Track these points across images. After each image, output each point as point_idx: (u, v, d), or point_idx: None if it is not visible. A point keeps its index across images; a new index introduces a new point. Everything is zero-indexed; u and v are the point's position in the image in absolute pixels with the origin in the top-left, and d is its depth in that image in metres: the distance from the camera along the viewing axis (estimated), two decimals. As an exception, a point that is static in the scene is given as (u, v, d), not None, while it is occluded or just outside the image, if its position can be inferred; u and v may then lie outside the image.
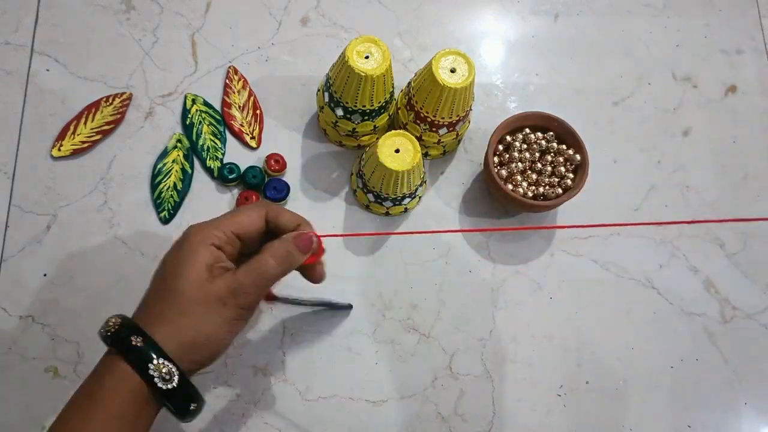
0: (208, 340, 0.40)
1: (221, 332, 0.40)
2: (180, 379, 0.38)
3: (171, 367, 0.38)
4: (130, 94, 0.66)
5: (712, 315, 0.64)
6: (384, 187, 0.59)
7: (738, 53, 0.74)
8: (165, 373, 0.38)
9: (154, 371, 0.37)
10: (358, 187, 0.63)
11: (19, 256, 0.60)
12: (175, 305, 0.40)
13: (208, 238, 0.42)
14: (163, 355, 0.38)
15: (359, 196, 0.63)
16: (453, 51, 0.56)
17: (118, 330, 0.39)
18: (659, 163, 0.69)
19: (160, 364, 0.38)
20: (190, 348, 0.39)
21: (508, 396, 0.60)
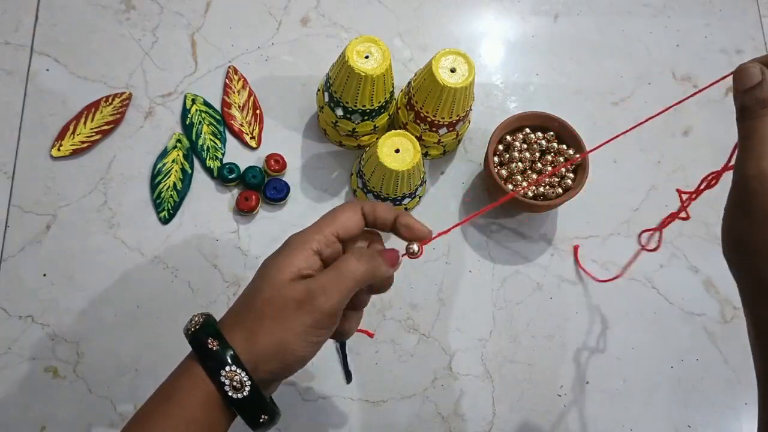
0: (281, 348, 0.37)
1: (295, 340, 0.37)
2: (251, 389, 0.36)
3: (243, 376, 0.36)
4: (129, 94, 0.66)
5: (712, 315, 0.64)
6: (384, 187, 0.59)
7: (738, 53, 0.74)
8: (236, 381, 0.36)
9: (225, 378, 0.36)
10: (358, 187, 0.63)
11: (19, 256, 0.60)
12: (255, 310, 0.38)
13: (307, 243, 0.39)
14: (237, 363, 0.36)
15: (359, 195, 0.63)
16: (453, 51, 0.56)
17: (197, 330, 0.37)
18: (659, 163, 0.69)
19: (232, 371, 0.36)
20: (264, 357, 0.37)
21: (508, 396, 0.60)
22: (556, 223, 0.66)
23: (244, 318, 0.38)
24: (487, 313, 0.62)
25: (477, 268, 0.64)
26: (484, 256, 0.64)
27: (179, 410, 0.36)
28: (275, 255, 0.40)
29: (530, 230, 0.65)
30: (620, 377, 0.61)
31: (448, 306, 0.62)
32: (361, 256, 0.39)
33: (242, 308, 0.39)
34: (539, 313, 0.62)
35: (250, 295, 0.39)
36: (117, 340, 0.58)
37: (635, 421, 0.60)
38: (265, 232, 0.63)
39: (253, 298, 0.38)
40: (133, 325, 0.59)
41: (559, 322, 0.63)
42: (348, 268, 0.38)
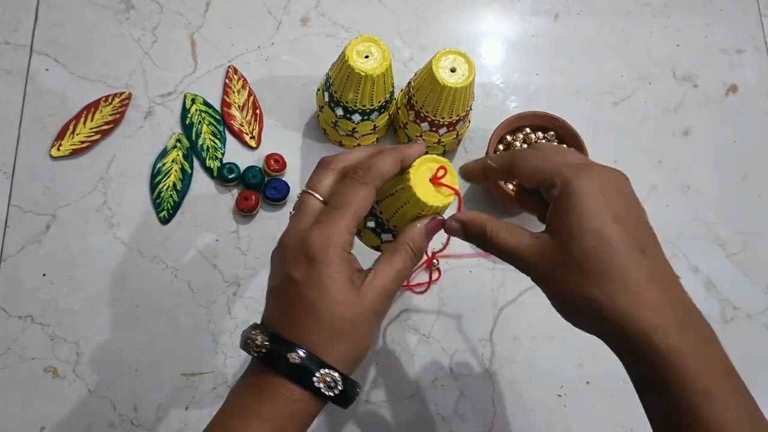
0: (367, 349, 0.39)
1: (372, 337, 0.40)
2: (343, 382, 0.37)
3: (334, 374, 0.37)
4: (129, 94, 0.66)
5: (712, 315, 0.64)
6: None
7: (738, 53, 0.74)
8: (330, 380, 0.37)
9: (319, 383, 0.36)
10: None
11: (18, 256, 0.60)
12: (337, 331, 0.37)
13: (339, 249, 0.38)
14: (324, 365, 0.37)
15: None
16: (453, 51, 0.56)
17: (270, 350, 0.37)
18: (659, 163, 0.69)
19: (324, 374, 0.37)
20: (355, 361, 0.39)
21: (508, 396, 0.60)
22: (556, 223, 0.66)
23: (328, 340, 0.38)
24: (487, 313, 0.62)
25: (477, 268, 0.63)
26: (484, 256, 0.64)
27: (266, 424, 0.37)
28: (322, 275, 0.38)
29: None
30: (620, 377, 0.61)
31: (448, 306, 0.62)
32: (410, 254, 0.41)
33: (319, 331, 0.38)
34: (539, 313, 0.62)
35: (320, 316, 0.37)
36: (117, 340, 0.58)
37: (635, 421, 0.60)
38: (265, 232, 0.63)
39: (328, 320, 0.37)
40: (132, 325, 0.59)
41: (559, 322, 0.62)
42: (404, 267, 0.40)
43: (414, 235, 0.41)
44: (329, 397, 0.37)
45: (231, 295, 0.60)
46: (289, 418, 0.37)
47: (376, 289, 0.38)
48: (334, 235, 0.38)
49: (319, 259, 0.37)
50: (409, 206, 0.42)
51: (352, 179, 0.40)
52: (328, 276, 0.37)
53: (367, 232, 0.46)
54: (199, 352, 0.58)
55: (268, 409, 0.36)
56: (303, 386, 0.36)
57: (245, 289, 0.61)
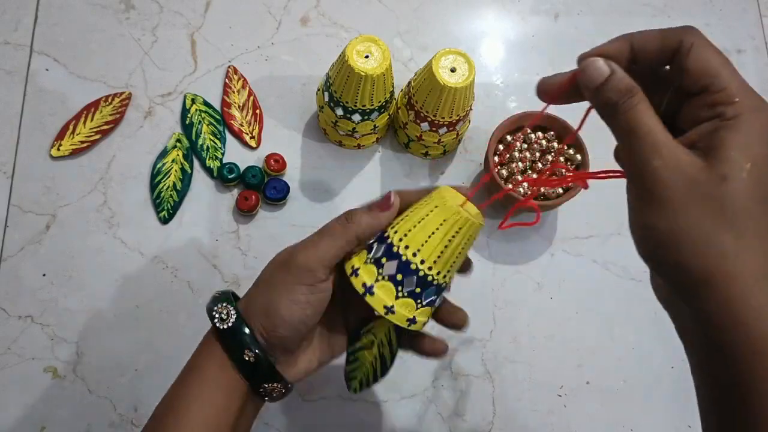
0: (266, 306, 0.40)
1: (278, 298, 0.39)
2: (236, 318, 0.40)
3: (230, 309, 0.40)
4: (129, 94, 0.66)
5: (712, 315, 0.64)
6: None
7: (738, 53, 0.74)
8: (224, 314, 0.40)
9: (216, 312, 0.40)
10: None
11: (18, 255, 0.60)
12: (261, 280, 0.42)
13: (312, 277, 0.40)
14: (228, 301, 0.41)
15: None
16: (453, 50, 0.56)
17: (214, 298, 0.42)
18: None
19: (221, 307, 0.40)
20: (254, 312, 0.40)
21: (508, 396, 0.60)
22: (556, 223, 0.66)
23: (252, 291, 0.42)
24: (487, 313, 0.62)
25: (477, 268, 0.63)
26: (484, 256, 0.64)
27: (197, 373, 0.40)
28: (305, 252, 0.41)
29: (530, 230, 0.65)
30: (620, 377, 0.61)
31: (448, 306, 0.62)
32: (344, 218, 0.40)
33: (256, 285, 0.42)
34: (539, 313, 0.62)
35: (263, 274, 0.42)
36: (117, 340, 0.58)
37: (635, 421, 0.60)
38: (265, 232, 0.63)
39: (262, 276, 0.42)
40: (133, 325, 0.59)
41: (559, 322, 0.62)
42: (327, 225, 0.40)
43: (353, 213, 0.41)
44: (220, 330, 0.39)
45: (231, 295, 0.60)
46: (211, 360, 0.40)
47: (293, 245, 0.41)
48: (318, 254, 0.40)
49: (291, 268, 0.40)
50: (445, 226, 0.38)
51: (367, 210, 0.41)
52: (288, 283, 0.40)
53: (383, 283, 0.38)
54: (199, 352, 0.58)
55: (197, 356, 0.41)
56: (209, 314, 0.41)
57: (245, 289, 0.60)
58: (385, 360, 0.44)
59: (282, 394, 0.42)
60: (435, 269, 0.38)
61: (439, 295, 0.40)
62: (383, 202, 0.40)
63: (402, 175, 0.66)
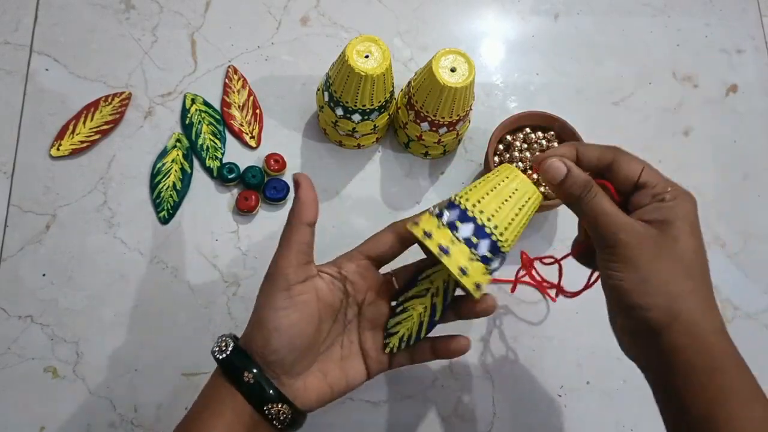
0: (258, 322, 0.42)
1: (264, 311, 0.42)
2: (234, 348, 0.42)
3: (228, 340, 0.42)
4: (129, 94, 0.66)
5: (712, 315, 0.64)
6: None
7: (738, 53, 0.74)
8: (223, 346, 0.42)
9: (216, 345, 0.42)
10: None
11: (18, 255, 0.60)
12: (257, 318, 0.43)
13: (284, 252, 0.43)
14: (226, 336, 0.43)
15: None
16: (453, 50, 0.56)
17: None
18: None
19: (221, 341, 0.42)
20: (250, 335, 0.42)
21: (508, 396, 0.60)
22: (556, 223, 0.66)
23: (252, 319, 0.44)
24: (487, 313, 0.62)
25: (477, 268, 0.63)
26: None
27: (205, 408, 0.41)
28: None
29: (530, 230, 0.65)
30: (620, 377, 0.61)
31: (448, 306, 0.62)
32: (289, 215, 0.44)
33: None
34: (539, 313, 0.62)
35: None
36: (117, 340, 0.58)
37: (635, 421, 0.60)
38: (265, 232, 0.63)
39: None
40: (133, 325, 0.59)
41: (559, 322, 0.62)
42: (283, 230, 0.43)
43: None
44: (218, 360, 0.41)
45: (231, 295, 0.60)
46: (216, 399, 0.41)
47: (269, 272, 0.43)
48: None
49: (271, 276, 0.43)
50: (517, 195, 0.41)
51: None
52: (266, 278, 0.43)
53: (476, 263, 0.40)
54: (199, 352, 0.58)
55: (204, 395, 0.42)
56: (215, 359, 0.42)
57: (245, 289, 0.61)
58: (435, 310, 0.44)
59: (293, 421, 0.43)
60: (505, 236, 0.41)
61: (501, 264, 0.42)
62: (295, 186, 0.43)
63: (402, 175, 0.66)
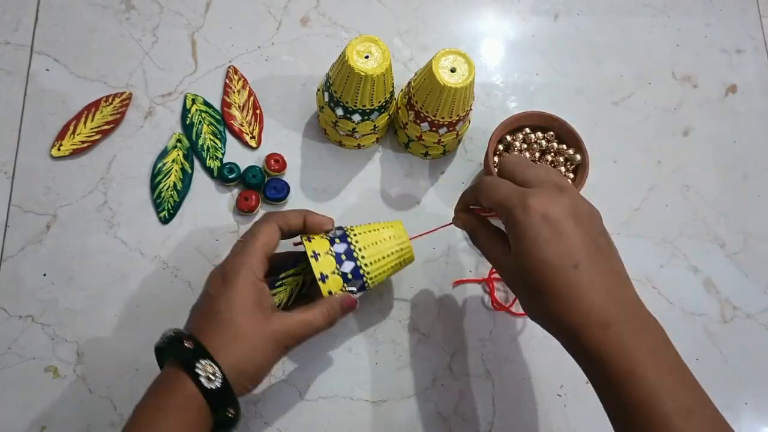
0: (255, 368, 0.45)
1: (266, 363, 0.46)
2: (223, 381, 0.42)
3: (216, 368, 0.42)
4: (129, 94, 0.66)
5: (712, 315, 0.64)
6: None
7: (738, 53, 0.74)
8: (210, 372, 0.42)
9: (200, 371, 0.42)
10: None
11: (19, 255, 0.60)
12: (233, 335, 0.44)
13: (251, 275, 0.46)
14: (210, 358, 0.42)
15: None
16: (453, 50, 0.56)
17: (171, 338, 0.44)
18: (659, 163, 0.69)
19: (206, 364, 0.42)
20: (240, 372, 0.44)
21: (508, 396, 0.60)
22: (556, 223, 0.66)
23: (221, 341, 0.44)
24: (487, 313, 0.62)
25: (477, 268, 0.63)
26: (484, 256, 0.64)
27: (173, 417, 0.42)
28: (226, 287, 0.46)
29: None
30: (620, 377, 0.61)
31: (448, 306, 0.62)
32: (325, 314, 0.48)
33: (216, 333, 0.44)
34: (539, 313, 0.62)
35: (222, 322, 0.45)
36: (117, 340, 0.58)
37: (635, 421, 0.60)
38: (265, 232, 0.63)
39: (227, 325, 0.45)
40: (133, 325, 0.59)
41: (559, 322, 0.62)
42: (317, 324, 0.48)
43: (331, 302, 0.49)
44: (206, 389, 0.41)
45: (231, 295, 0.60)
46: (180, 409, 0.42)
47: (285, 322, 0.46)
48: (245, 258, 0.47)
49: (230, 277, 0.46)
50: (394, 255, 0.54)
51: (261, 219, 0.50)
52: (236, 292, 0.45)
53: (335, 277, 0.51)
54: (200, 352, 0.58)
55: (162, 397, 0.43)
56: (186, 371, 0.41)
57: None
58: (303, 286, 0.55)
59: None
60: (374, 281, 0.53)
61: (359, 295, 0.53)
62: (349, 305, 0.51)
63: (402, 175, 0.66)
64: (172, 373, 0.43)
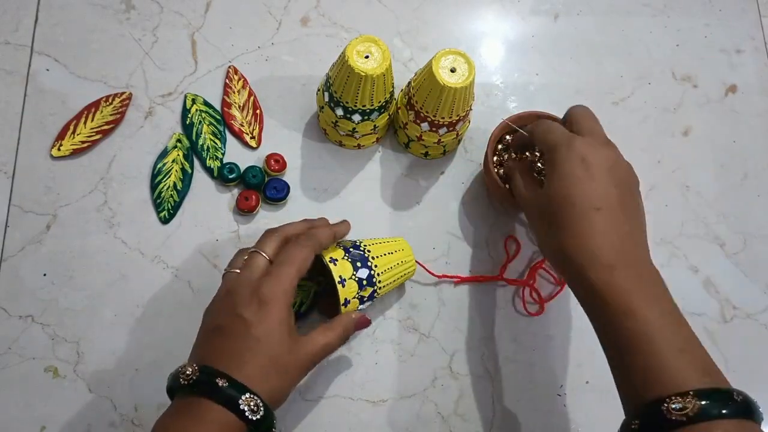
0: (286, 394, 0.46)
1: (293, 387, 0.47)
2: (265, 409, 0.43)
3: (257, 399, 0.42)
4: (129, 94, 0.66)
5: (712, 315, 0.64)
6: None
7: (738, 53, 0.74)
8: (253, 405, 0.42)
9: (244, 405, 0.41)
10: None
11: (19, 255, 0.60)
12: (271, 366, 0.44)
13: (287, 297, 0.46)
14: (248, 391, 0.42)
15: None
16: (453, 51, 0.56)
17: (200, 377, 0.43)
18: (659, 163, 0.69)
19: (249, 398, 0.42)
20: (275, 401, 0.45)
21: (508, 396, 0.60)
22: (556, 223, 0.66)
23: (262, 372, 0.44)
24: (487, 312, 0.62)
25: (477, 268, 0.63)
26: (484, 256, 0.64)
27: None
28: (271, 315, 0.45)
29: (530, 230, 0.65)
30: (620, 377, 0.61)
31: (448, 306, 0.62)
32: (340, 335, 0.49)
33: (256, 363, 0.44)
34: (540, 313, 0.62)
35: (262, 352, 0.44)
36: (117, 340, 0.58)
37: (635, 421, 0.60)
38: (265, 232, 0.63)
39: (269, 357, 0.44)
40: (133, 325, 0.59)
41: (559, 322, 0.63)
42: (333, 345, 0.49)
43: (347, 322, 0.50)
44: (252, 420, 0.41)
45: (231, 295, 0.60)
46: None
47: (311, 348, 0.47)
48: (283, 284, 0.45)
49: (269, 303, 0.45)
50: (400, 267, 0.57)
51: (296, 242, 0.49)
52: (276, 318, 0.44)
53: (352, 282, 0.53)
54: (200, 352, 0.58)
55: (194, 430, 0.41)
56: (229, 407, 0.41)
57: (245, 289, 0.61)
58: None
59: None
60: (383, 290, 0.56)
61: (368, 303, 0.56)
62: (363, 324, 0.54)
63: (402, 175, 0.66)
64: (194, 403, 0.42)
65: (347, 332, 0.50)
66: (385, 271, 0.55)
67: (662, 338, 0.41)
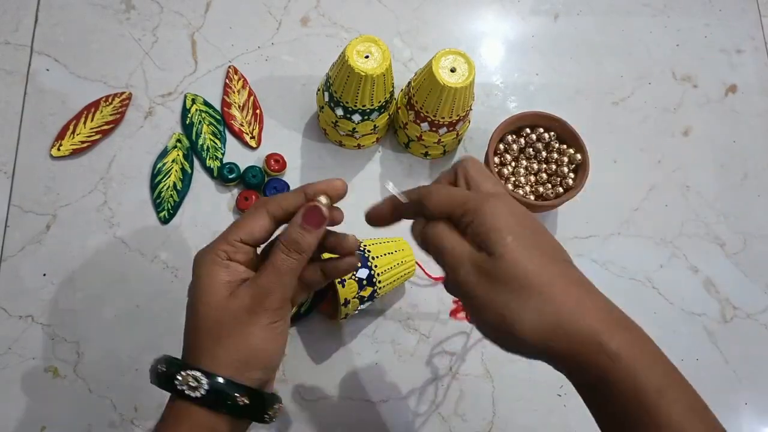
0: (252, 354, 0.39)
1: (264, 341, 0.39)
2: (210, 382, 0.37)
3: (198, 373, 0.37)
4: (129, 94, 0.66)
5: (712, 315, 0.64)
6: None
7: (738, 53, 0.74)
8: (191, 381, 0.37)
9: (180, 384, 0.37)
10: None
11: (19, 255, 0.60)
12: (208, 334, 0.39)
13: (215, 257, 0.39)
14: (188, 368, 0.37)
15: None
16: (453, 51, 0.56)
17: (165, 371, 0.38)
18: (659, 163, 0.69)
19: (186, 375, 0.37)
20: (242, 366, 0.38)
21: (508, 396, 0.60)
22: (556, 223, 0.66)
23: (201, 345, 0.38)
24: (487, 313, 0.62)
25: (477, 268, 0.63)
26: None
27: None
28: (194, 279, 0.40)
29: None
30: (620, 377, 0.61)
31: (448, 306, 0.62)
32: (285, 243, 0.39)
33: (195, 337, 0.39)
34: (539, 313, 0.62)
35: (195, 322, 0.39)
36: (117, 340, 0.58)
37: (635, 421, 0.60)
38: (265, 232, 0.63)
39: (200, 324, 0.39)
40: (133, 325, 0.59)
41: (559, 322, 0.62)
42: (279, 262, 0.39)
43: (288, 230, 0.40)
44: (196, 398, 0.36)
45: (231, 295, 0.60)
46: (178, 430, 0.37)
47: (248, 288, 0.39)
48: (210, 250, 0.40)
49: (195, 271, 0.40)
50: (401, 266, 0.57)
51: (251, 207, 0.43)
52: (200, 282, 0.39)
53: (351, 281, 0.53)
54: (200, 352, 0.58)
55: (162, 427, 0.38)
56: (171, 390, 0.37)
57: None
58: None
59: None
60: (383, 290, 0.56)
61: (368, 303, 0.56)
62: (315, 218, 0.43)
63: (402, 175, 0.66)
64: (173, 407, 0.38)
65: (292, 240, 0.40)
66: (385, 271, 0.55)
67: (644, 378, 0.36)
